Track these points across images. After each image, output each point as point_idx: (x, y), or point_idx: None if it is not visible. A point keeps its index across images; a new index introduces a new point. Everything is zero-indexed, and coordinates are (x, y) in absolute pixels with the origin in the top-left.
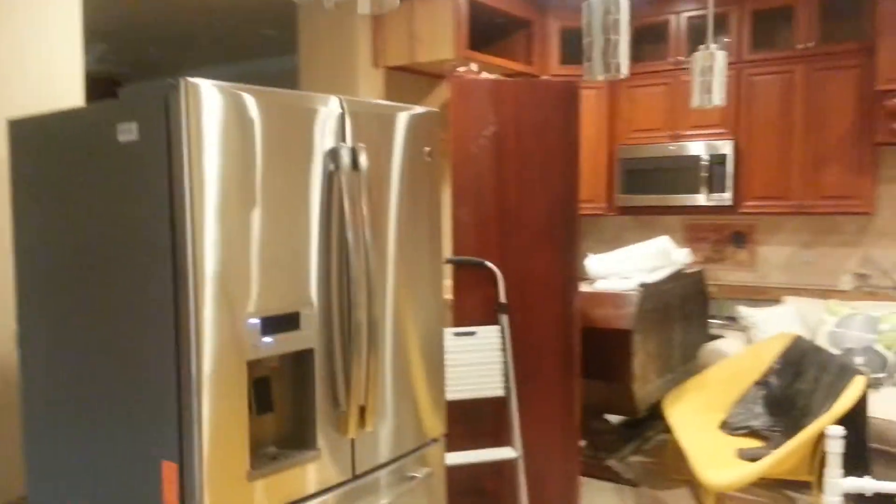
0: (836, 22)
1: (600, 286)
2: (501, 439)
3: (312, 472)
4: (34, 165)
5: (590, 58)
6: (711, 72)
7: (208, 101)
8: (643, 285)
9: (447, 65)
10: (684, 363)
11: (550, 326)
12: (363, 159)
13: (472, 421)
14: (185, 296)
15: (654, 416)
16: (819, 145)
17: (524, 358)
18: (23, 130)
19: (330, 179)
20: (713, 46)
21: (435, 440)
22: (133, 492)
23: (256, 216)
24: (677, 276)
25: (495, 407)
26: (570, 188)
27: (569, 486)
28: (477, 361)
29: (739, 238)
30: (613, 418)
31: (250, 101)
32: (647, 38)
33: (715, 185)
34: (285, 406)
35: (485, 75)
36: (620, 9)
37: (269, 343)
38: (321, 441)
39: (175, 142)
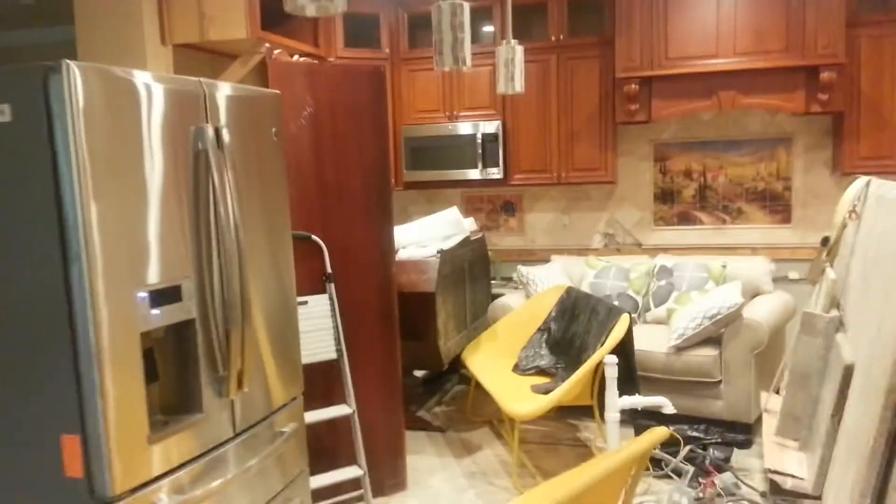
0: (582, 17)
1: (403, 255)
2: (333, 399)
3: (201, 433)
4: None
5: (441, 52)
6: (513, 63)
7: (88, 83)
8: (441, 252)
9: (240, 44)
10: (475, 319)
11: (372, 293)
12: (226, 137)
13: (307, 383)
14: (78, 274)
15: (450, 371)
16: (571, 125)
17: (350, 323)
18: None
19: (197, 158)
20: (513, 41)
21: (295, 398)
22: (33, 469)
23: (135, 195)
24: (466, 243)
25: (325, 369)
26: (383, 166)
27: (395, 436)
28: (311, 328)
29: (510, 207)
30: (418, 373)
31: (125, 84)
32: (420, 26)
33: (488, 161)
34: (168, 375)
35: (296, 58)
36: (465, 12)
37: (158, 315)
38: (206, 404)
39: (58, 124)
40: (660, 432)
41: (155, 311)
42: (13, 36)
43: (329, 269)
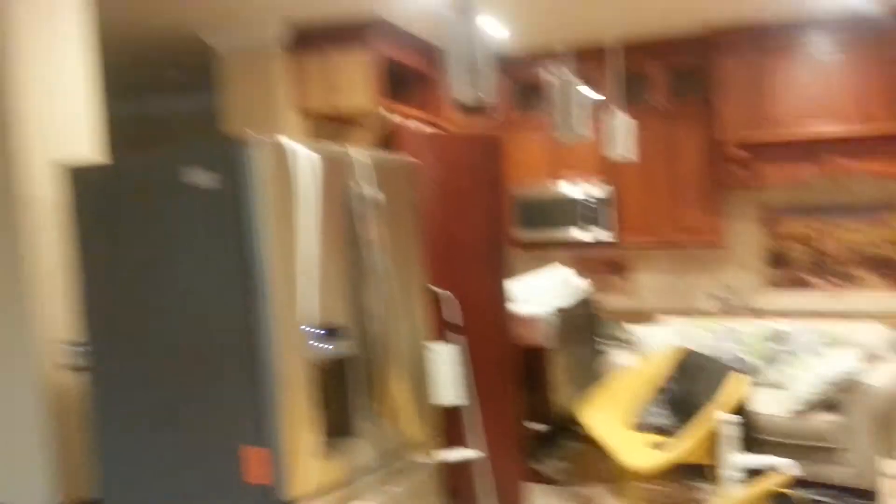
0: (683, 82)
1: (521, 309)
2: (456, 443)
3: (353, 457)
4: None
5: (558, 126)
6: (625, 131)
7: (278, 155)
8: (560, 309)
9: (364, 112)
10: (587, 376)
11: (491, 345)
12: (379, 202)
13: None
14: (259, 321)
15: (564, 428)
16: (679, 186)
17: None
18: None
19: (355, 217)
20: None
21: (431, 438)
22: (215, 481)
23: (310, 249)
24: (582, 303)
25: (449, 418)
26: (500, 225)
27: (516, 484)
28: (438, 375)
29: (618, 268)
30: (533, 426)
31: (304, 154)
32: (525, 92)
33: (598, 222)
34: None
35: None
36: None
37: (324, 348)
38: (360, 427)
39: (242, 189)
40: (777, 476)
41: (321, 346)
42: (160, 103)
43: (458, 321)
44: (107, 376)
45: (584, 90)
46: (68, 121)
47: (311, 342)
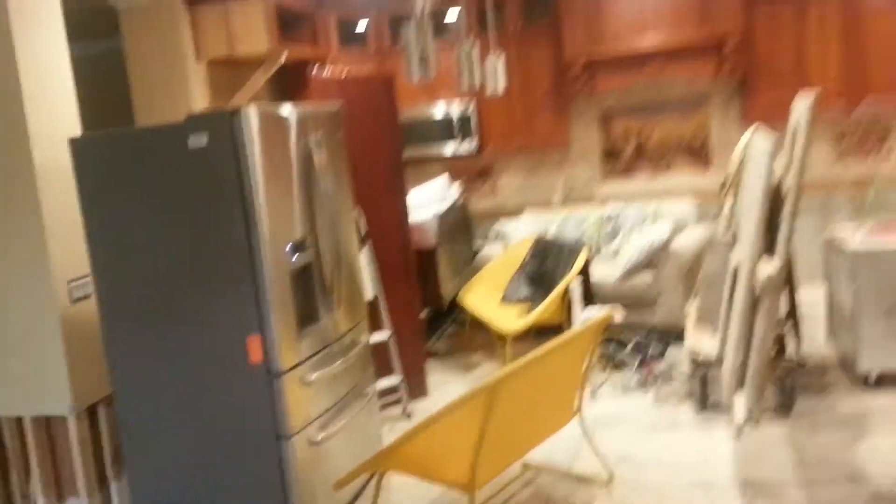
0: (535, 8)
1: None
2: (374, 329)
3: (320, 335)
4: (100, 172)
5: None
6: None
7: (246, 119)
8: (437, 215)
9: (262, 56)
10: (465, 267)
11: (394, 249)
12: (322, 143)
13: None
14: (253, 243)
15: (445, 315)
16: (532, 100)
17: (382, 271)
18: (84, 146)
19: (308, 158)
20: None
21: (362, 321)
22: (224, 364)
23: (284, 187)
24: (453, 207)
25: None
26: (398, 151)
27: (418, 356)
28: None
29: (484, 174)
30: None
31: (273, 117)
32: (401, 23)
33: (464, 135)
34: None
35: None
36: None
37: (296, 259)
38: (322, 314)
39: (241, 149)
40: (605, 313)
41: (294, 257)
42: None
43: (364, 231)
44: (119, 303)
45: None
46: (59, 96)
47: (287, 255)
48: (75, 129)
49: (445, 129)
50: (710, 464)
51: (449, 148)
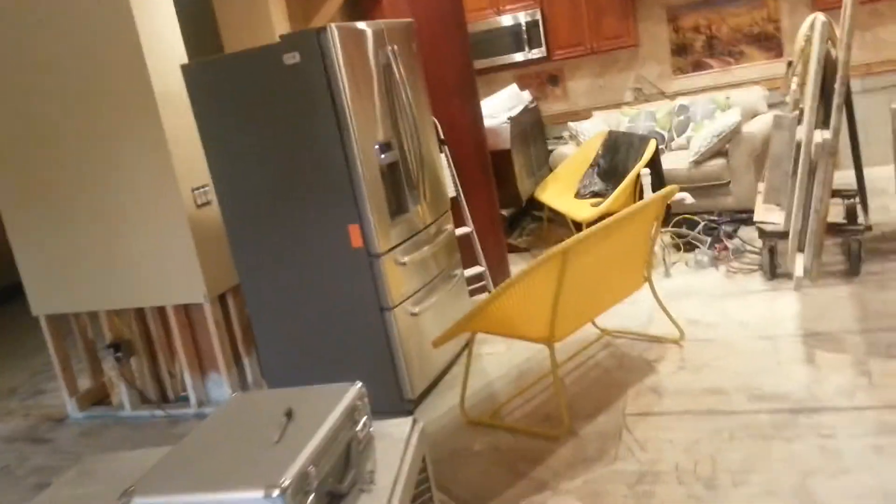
0: None
1: (485, 123)
2: (458, 223)
3: (409, 223)
4: (209, 96)
5: None
6: None
7: (331, 35)
8: (510, 119)
9: None
10: (540, 168)
11: (471, 152)
12: (399, 55)
13: None
14: (347, 144)
15: (524, 213)
16: (597, 2)
17: (460, 173)
18: (193, 73)
19: (387, 68)
20: None
21: (447, 211)
22: (331, 249)
23: (366, 91)
24: (526, 111)
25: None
26: (467, 59)
27: (500, 248)
28: None
29: (554, 79)
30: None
31: (354, 30)
32: None
33: (532, 43)
34: (388, 192)
35: None
36: None
37: (384, 158)
38: (410, 208)
39: (329, 62)
40: (667, 189)
41: (382, 156)
42: None
43: (442, 136)
44: (237, 206)
45: None
46: (167, 27)
47: (375, 154)
48: (182, 56)
49: (514, 38)
50: (776, 321)
51: (518, 56)
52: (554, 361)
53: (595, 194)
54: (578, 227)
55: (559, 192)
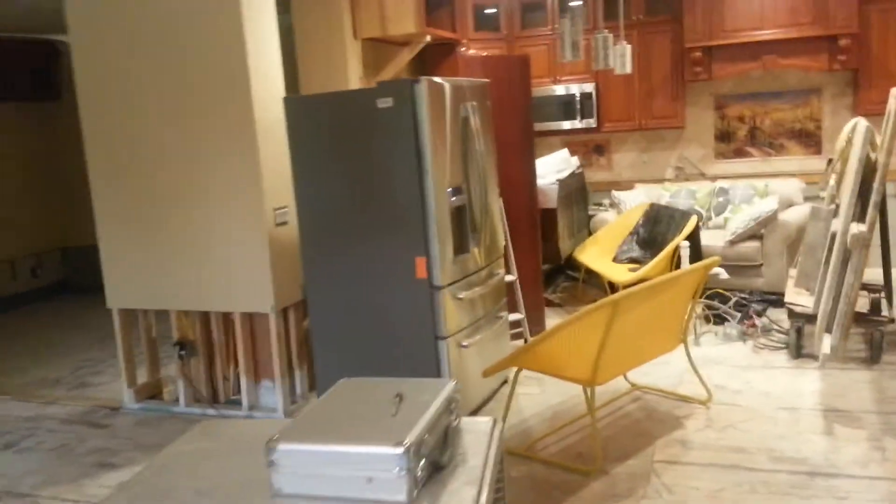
0: (656, 2)
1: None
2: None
3: (468, 263)
4: (305, 128)
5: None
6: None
7: (427, 86)
8: (558, 180)
9: (410, 36)
10: (580, 230)
11: (522, 206)
12: (476, 110)
13: None
14: (426, 181)
15: (560, 271)
16: (650, 84)
17: (511, 224)
18: (293, 105)
19: (466, 121)
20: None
21: (500, 257)
22: (396, 278)
23: (442, 139)
24: (573, 175)
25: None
26: (528, 121)
27: (538, 298)
28: None
29: (600, 149)
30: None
31: (438, 85)
32: (530, 9)
33: (584, 113)
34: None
35: (472, 52)
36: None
37: (454, 200)
38: (470, 247)
39: (418, 109)
40: (711, 259)
41: (452, 198)
42: None
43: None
44: (316, 229)
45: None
46: (271, 63)
47: (447, 196)
48: (281, 89)
49: (568, 107)
50: (798, 394)
51: (568, 124)
52: (591, 402)
53: (632, 260)
54: (613, 289)
55: (598, 255)
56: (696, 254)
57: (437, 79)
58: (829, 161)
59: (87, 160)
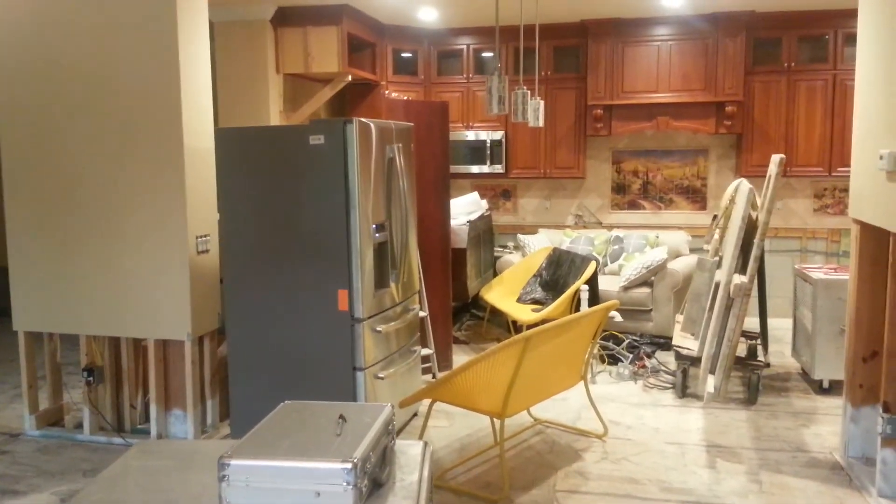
0: (564, 59)
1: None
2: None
3: (387, 297)
4: (235, 159)
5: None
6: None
7: (357, 126)
8: (469, 222)
9: (332, 74)
10: (485, 270)
11: (436, 245)
12: (401, 151)
13: None
14: (353, 216)
15: (465, 309)
16: (555, 136)
17: (424, 261)
18: (225, 136)
19: (391, 162)
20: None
21: (416, 292)
22: (318, 309)
23: (367, 178)
24: (482, 217)
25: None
26: (445, 164)
27: (447, 334)
28: None
29: (507, 193)
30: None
31: (366, 126)
32: (445, 57)
33: (494, 159)
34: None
35: (394, 95)
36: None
37: (377, 236)
38: (389, 282)
39: (348, 148)
40: (611, 302)
41: (376, 235)
42: None
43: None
44: (238, 257)
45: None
46: (202, 94)
47: (372, 232)
48: (210, 119)
49: (479, 152)
50: (684, 430)
51: (477, 168)
52: (501, 433)
53: (535, 301)
54: (517, 328)
55: (503, 295)
56: (594, 297)
57: (365, 120)
58: (714, 217)
59: (2, 177)
